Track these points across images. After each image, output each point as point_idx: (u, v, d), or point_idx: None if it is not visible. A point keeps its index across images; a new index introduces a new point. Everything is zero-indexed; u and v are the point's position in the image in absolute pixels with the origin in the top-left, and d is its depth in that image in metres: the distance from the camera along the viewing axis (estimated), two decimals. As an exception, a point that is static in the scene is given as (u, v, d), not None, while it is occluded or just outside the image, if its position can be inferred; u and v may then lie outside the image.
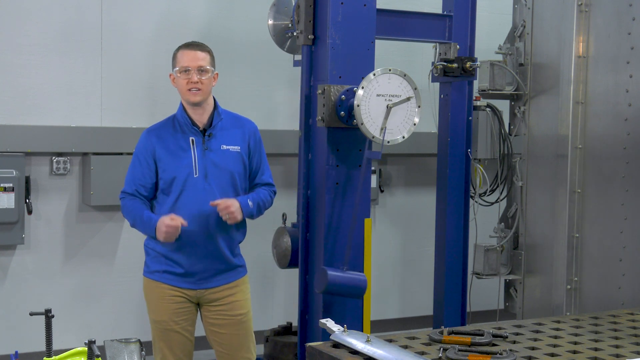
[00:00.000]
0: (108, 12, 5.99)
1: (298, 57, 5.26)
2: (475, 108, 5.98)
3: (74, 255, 6.02)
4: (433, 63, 5.48)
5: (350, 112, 4.73)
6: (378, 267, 5.12)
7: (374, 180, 6.76)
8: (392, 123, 4.70)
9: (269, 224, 5.59)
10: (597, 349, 3.23)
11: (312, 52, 5.02)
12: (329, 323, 3.30)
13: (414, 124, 4.79)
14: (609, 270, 5.29)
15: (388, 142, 4.71)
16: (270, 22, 5.53)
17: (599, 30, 5.30)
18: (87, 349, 4.12)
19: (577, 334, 3.46)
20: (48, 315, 4.32)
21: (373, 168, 6.50)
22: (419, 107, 4.79)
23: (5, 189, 5.60)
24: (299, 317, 5.12)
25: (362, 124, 4.65)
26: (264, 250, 5.91)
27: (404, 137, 4.78)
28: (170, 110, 6.11)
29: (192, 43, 4.18)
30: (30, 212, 5.74)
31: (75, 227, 6.01)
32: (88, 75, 5.96)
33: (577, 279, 5.36)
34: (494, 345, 3.23)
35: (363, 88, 4.64)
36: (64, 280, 5.99)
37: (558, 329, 3.53)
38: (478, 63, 5.50)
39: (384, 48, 5.96)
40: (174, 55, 4.16)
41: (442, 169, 5.67)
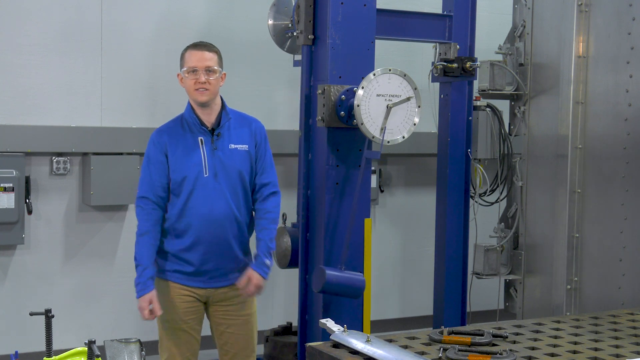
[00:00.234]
0: (108, 12, 5.98)
1: (298, 57, 5.26)
2: (475, 108, 5.98)
3: (74, 255, 6.02)
4: (433, 63, 5.48)
5: (350, 112, 4.73)
6: (378, 267, 5.11)
7: (374, 180, 6.76)
8: (392, 123, 4.70)
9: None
10: (597, 349, 3.23)
11: (312, 52, 5.02)
12: (329, 323, 3.30)
13: (414, 124, 4.79)
14: (609, 270, 5.29)
15: (388, 142, 4.71)
16: (270, 22, 5.53)
17: (599, 30, 5.30)
18: (87, 349, 4.12)
19: (577, 334, 3.46)
20: (48, 315, 4.32)
21: (373, 168, 6.49)
22: (419, 107, 4.79)
23: (5, 189, 5.59)
24: (299, 317, 5.12)
25: (362, 124, 4.65)
26: (264, 250, 5.90)
27: (404, 137, 4.79)
28: (170, 110, 6.14)
29: (199, 43, 4.16)
30: (30, 212, 5.73)
31: (75, 227, 6.01)
32: (88, 75, 5.96)
33: (577, 279, 5.36)
34: (494, 345, 3.23)
35: (363, 88, 4.64)
36: (64, 280, 5.99)
37: (558, 329, 3.53)
38: (478, 63, 5.50)
39: (384, 48, 5.96)
40: (182, 55, 4.15)
41: (442, 169, 5.67)
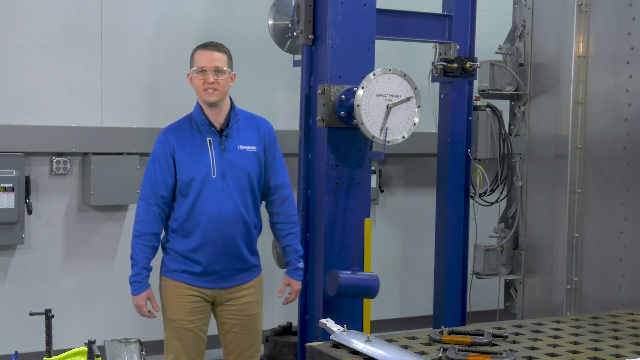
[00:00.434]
0: (108, 12, 5.99)
1: (298, 57, 5.26)
2: (475, 108, 5.98)
3: (74, 255, 6.02)
4: (433, 63, 5.48)
5: (350, 112, 4.73)
6: (378, 267, 5.11)
7: (374, 180, 6.76)
8: (392, 123, 4.70)
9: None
10: (597, 349, 3.23)
11: (312, 52, 5.02)
12: (329, 323, 3.30)
13: (414, 124, 4.80)
14: (609, 270, 5.29)
15: (388, 142, 4.71)
16: (270, 22, 5.53)
17: (599, 30, 5.30)
18: (87, 349, 4.13)
19: (577, 334, 3.46)
20: (48, 315, 4.33)
21: (373, 168, 6.50)
22: (419, 107, 4.80)
23: (5, 189, 5.59)
24: (299, 317, 5.12)
25: (362, 124, 4.65)
26: (264, 250, 5.84)
27: (404, 137, 4.79)
28: (170, 110, 6.17)
29: (209, 43, 4.14)
30: (30, 212, 5.73)
31: (75, 227, 6.01)
32: (88, 75, 5.96)
33: (577, 279, 5.36)
34: (494, 345, 3.23)
35: (363, 88, 4.64)
36: (64, 280, 5.99)
37: (558, 329, 3.53)
38: (478, 63, 5.50)
39: (384, 48, 5.96)
40: (192, 55, 4.13)
41: (442, 169, 5.67)
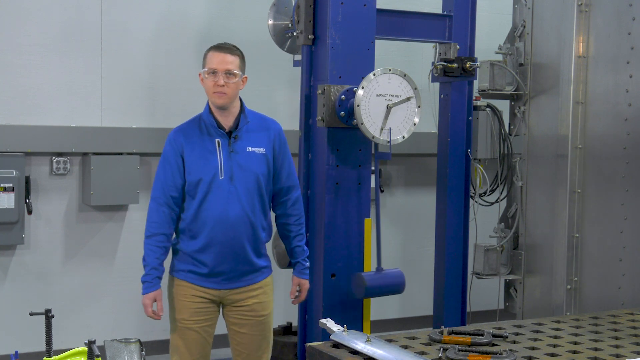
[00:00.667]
0: (108, 12, 5.99)
1: (298, 57, 5.26)
2: (475, 108, 5.98)
3: (74, 255, 6.02)
4: (433, 63, 5.48)
5: (350, 112, 4.73)
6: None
7: (374, 180, 6.75)
8: (392, 123, 4.71)
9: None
10: (597, 349, 3.23)
11: (312, 52, 5.02)
12: (329, 323, 3.30)
13: (414, 124, 4.80)
14: (609, 270, 5.29)
15: (388, 142, 4.72)
16: (270, 22, 5.53)
17: (599, 30, 5.30)
18: (87, 349, 4.13)
19: (577, 334, 3.46)
20: (48, 315, 4.33)
21: (373, 168, 6.49)
22: (419, 107, 4.80)
23: (5, 189, 5.59)
24: (299, 317, 5.12)
25: (362, 124, 4.65)
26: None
27: (404, 137, 4.79)
28: (170, 110, 6.18)
29: (223, 45, 4.11)
30: (30, 212, 5.73)
31: (75, 227, 6.01)
32: (88, 75, 5.96)
33: (577, 279, 5.36)
34: (494, 345, 3.23)
35: (363, 88, 4.64)
36: (64, 280, 5.99)
37: (558, 329, 3.53)
38: (478, 63, 5.50)
39: (384, 48, 5.96)
40: (205, 55, 4.10)
41: (442, 169, 5.66)
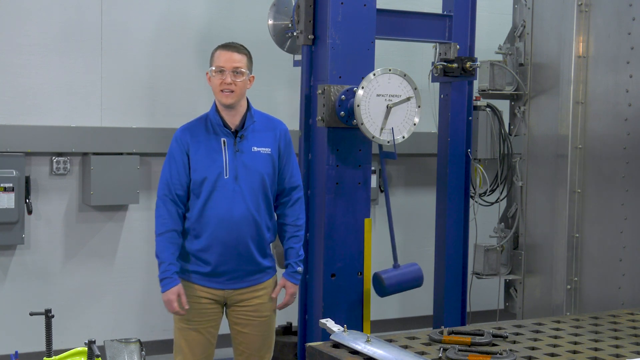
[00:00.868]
0: (108, 12, 5.98)
1: (298, 57, 5.26)
2: (475, 108, 5.98)
3: (74, 255, 6.02)
4: (433, 63, 5.48)
5: (350, 112, 4.73)
6: (378, 267, 5.10)
7: (374, 180, 6.76)
8: (392, 123, 4.71)
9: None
10: (597, 349, 3.23)
11: (312, 52, 5.02)
12: (329, 323, 3.30)
13: (414, 124, 4.80)
14: (609, 270, 5.29)
15: (388, 142, 4.72)
16: (270, 22, 5.53)
17: (599, 30, 5.30)
18: (87, 349, 4.13)
19: (577, 334, 3.45)
20: (48, 315, 4.33)
21: (373, 168, 6.49)
22: (419, 107, 4.80)
23: (5, 189, 5.59)
24: (299, 317, 5.12)
25: (362, 124, 4.65)
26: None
27: (404, 137, 4.79)
28: (170, 110, 6.18)
29: (230, 44, 4.11)
30: (30, 212, 5.73)
31: (75, 227, 6.01)
32: (88, 75, 5.96)
33: (577, 279, 5.36)
34: (494, 345, 3.23)
35: (363, 88, 4.64)
36: (64, 280, 5.99)
37: (558, 329, 3.53)
38: (478, 63, 5.50)
39: (384, 48, 5.96)
40: (212, 54, 4.11)
41: (442, 169, 5.66)
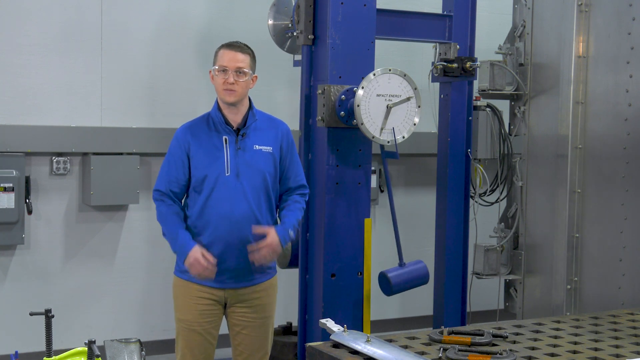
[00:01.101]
0: (108, 12, 5.99)
1: (298, 57, 5.26)
2: (475, 108, 5.98)
3: (74, 255, 6.02)
4: (433, 63, 5.48)
5: (350, 112, 4.73)
6: (378, 267, 5.11)
7: (374, 180, 6.76)
8: (392, 123, 4.71)
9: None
10: (597, 349, 3.23)
11: (312, 52, 5.02)
12: (329, 323, 3.29)
13: (414, 124, 4.80)
14: (609, 270, 5.29)
15: (388, 142, 4.72)
16: (270, 22, 5.53)
17: (599, 30, 5.30)
18: (87, 349, 4.13)
19: (577, 334, 3.45)
20: (48, 315, 4.33)
21: (373, 168, 6.50)
22: (419, 107, 4.80)
23: (5, 189, 5.59)
24: (299, 317, 5.12)
25: (362, 124, 4.65)
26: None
27: (404, 137, 4.79)
28: (170, 110, 6.18)
29: (234, 43, 4.12)
30: (30, 212, 5.73)
31: (75, 227, 6.01)
32: (88, 75, 5.96)
33: (577, 279, 5.36)
34: (494, 345, 3.23)
35: (363, 88, 4.64)
36: (64, 280, 5.99)
37: (558, 329, 3.53)
38: (478, 63, 5.50)
39: (384, 48, 5.96)
40: (215, 53, 4.12)
41: (442, 169, 5.66)
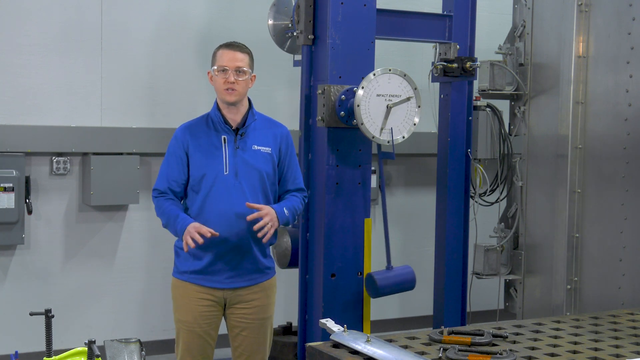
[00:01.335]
0: (108, 12, 5.99)
1: (298, 57, 5.26)
2: (475, 108, 5.98)
3: (74, 255, 6.02)
4: (433, 63, 5.48)
5: (350, 112, 4.73)
6: (378, 267, 5.10)
7: (374, 180, 6.76)
8: (392, 123, 4.70)
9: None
10: (597, 349, 3.23)
11: (312, 52, 5.02)
12: (329, 323, 3.29)
13: (414, 124, 4.80)
14: (609, 270, 5.29)
15: (388, 142, 4.72)
16: (270, 22, 5.53)
17: (599, 30, 5.30)
18: (87, 349, 4.12)
19: (577, 334, 3.45)
20: (48, 315, 4.32)
21: (373, 168, 6.50)
22: (419, 107, 4.80)
23: (5, 189, 5.59)
24: (299, 317, 5.12)
25: (362, 124, 4.65)
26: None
27: (404, 137, 4.79)
28: (170, 110, 6.18)
29: (232, 43, 4.13)
30: (30, 212, 5.73)
31: (75, 227, 6.01)
32: (88, 75, 5.96)
33: (577, 279, 5.36)
34: (494, 345, 3.23)
35: (363, 88, 4.64)
36: (64, 280, 5.99)
37: (558, 329, 3.53)
38: (478, 63, 5.50)
39: (384, 48, 5.96)
40: (214, 54, 4.13)
41: (442, 169, 5.66)
